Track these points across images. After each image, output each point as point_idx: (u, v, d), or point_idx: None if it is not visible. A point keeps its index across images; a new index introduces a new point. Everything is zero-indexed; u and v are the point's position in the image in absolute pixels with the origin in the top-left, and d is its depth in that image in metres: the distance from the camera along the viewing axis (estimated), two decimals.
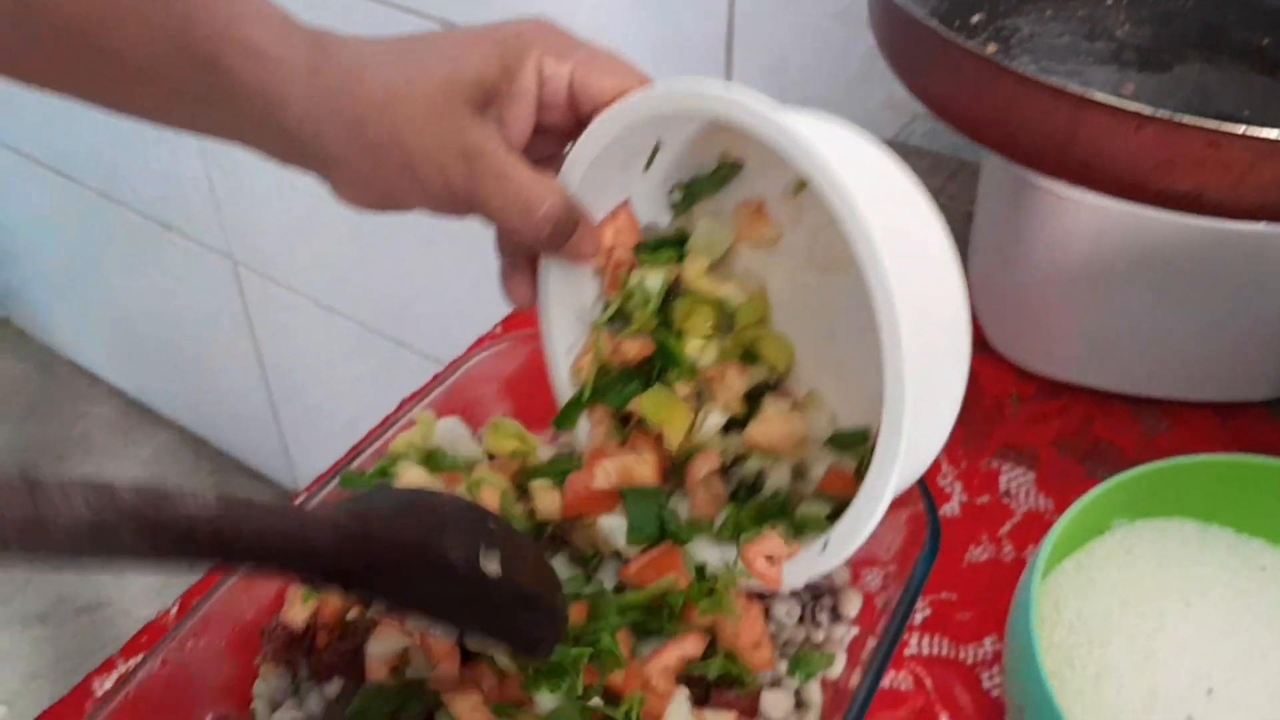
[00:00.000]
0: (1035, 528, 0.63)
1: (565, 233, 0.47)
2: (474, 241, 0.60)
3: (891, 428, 0.42)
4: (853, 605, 0.55)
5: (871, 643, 0.51)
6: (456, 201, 0.46)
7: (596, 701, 0.47)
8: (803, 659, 0.52)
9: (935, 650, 0.58)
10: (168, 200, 1.61)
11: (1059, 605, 0.54)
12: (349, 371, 1.59)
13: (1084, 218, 0.63)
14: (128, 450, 2.02)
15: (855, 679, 0.49)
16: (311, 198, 1.41)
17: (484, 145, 0.45)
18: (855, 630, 0.54)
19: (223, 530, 0.35)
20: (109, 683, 0.57)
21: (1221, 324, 0.66)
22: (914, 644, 0.58)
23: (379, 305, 1.48)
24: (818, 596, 0.55)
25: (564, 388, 0.55)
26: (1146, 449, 0.67)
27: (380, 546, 0.40)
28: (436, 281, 1.36)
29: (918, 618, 0.59)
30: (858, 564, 0.56)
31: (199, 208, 1.57)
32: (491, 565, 0.41)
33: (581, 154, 0.48)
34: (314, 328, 1.58)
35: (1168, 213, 0.50)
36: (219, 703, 0.53)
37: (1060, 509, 0.65)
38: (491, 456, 0.58)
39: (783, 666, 0.52)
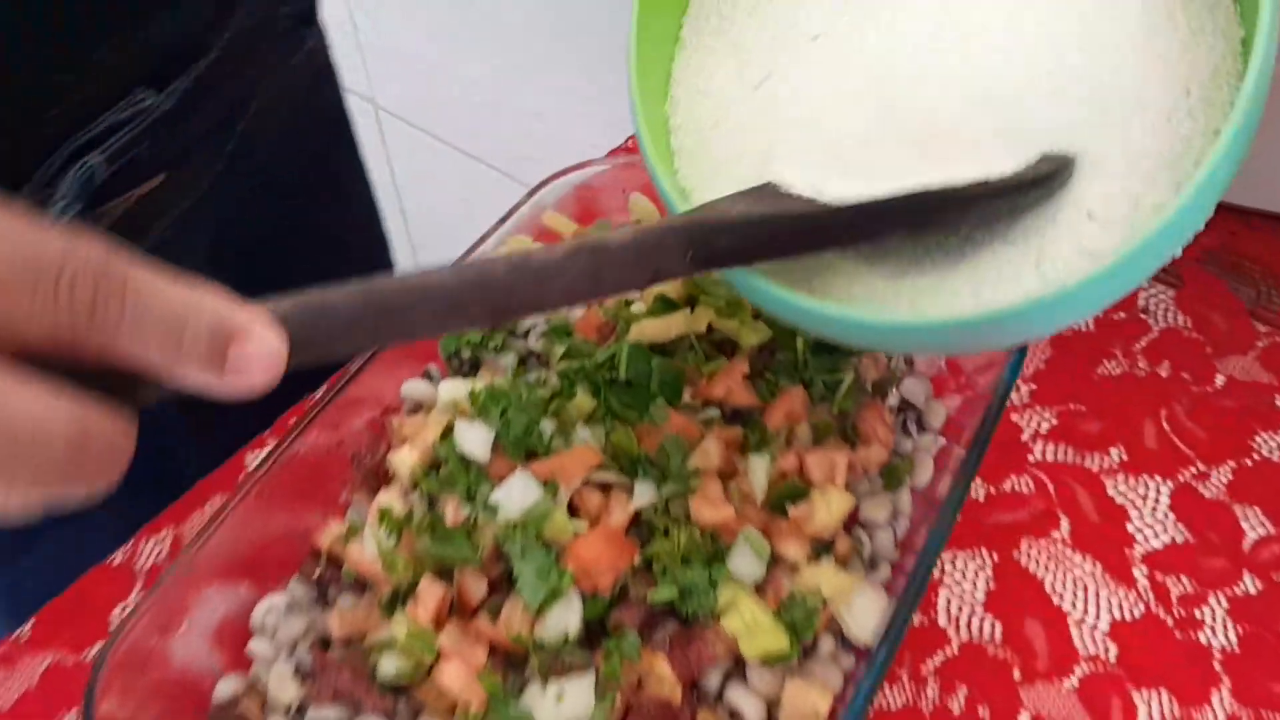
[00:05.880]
0: (1171, 343, 0.62)
1: None
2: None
3: None
4: (937, 417, 0.54)
5: (958, 452, 0.50)
6: None
7: None
8: (890, 469, 0.52)
9: (1059, 457, 0.58)
10: None
11: None
12: (489, 218, 1.61)
13: None
14: None
15: (944, 486, 0.48)
16: (453, 41, 1.42)
17: None
18: (941, 441, 0.53)
19: None
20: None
21: None
22: (1038, 451, 0.58)
23: (518, 152, 1.50)
24: (903, 410, 0.55)
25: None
26: None
27: None
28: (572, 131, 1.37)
29: (1043, 426, 0.59)
30: (939, 380, 0.56)
31: (343, 51, 1.59)
32: None
33: None
34: (455, 174, 1.61)
35: None
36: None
37: (1199, 326, 0.63)
38: None
39: (879, 482, 0.52)
